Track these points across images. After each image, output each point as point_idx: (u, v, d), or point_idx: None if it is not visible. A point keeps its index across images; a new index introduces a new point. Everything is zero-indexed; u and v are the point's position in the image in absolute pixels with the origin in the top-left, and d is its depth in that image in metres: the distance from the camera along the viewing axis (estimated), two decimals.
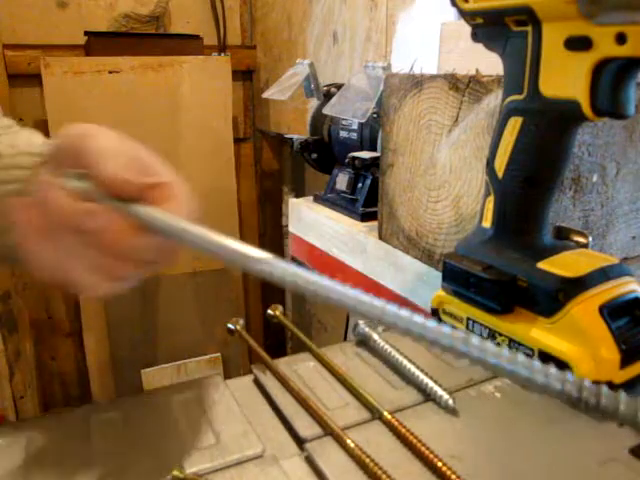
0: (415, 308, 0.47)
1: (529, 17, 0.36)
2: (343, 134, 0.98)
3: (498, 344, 0.40)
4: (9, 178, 0.39)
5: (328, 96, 0.99)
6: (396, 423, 0.33)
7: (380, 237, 0.76)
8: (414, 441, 0.32)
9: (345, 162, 0.89)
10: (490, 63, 0.46)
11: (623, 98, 0.35)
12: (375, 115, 0.85)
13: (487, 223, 0.42)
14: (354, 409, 0.36)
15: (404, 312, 0.23)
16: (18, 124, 0.45)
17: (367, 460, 0.30)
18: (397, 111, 0.72)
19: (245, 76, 1.77)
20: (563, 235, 0.46)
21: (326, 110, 0.87)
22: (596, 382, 0.34)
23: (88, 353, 1.52)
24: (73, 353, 1.68)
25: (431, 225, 0.69)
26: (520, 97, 0.38)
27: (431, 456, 0.31)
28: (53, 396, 1.69)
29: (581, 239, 0.45)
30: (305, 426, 0.34)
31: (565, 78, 0.35)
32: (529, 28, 0.36)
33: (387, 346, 0.41)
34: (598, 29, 0.33)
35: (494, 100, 0.57)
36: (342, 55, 1.24)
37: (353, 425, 0.34)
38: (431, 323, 0.23)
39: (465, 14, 0.40)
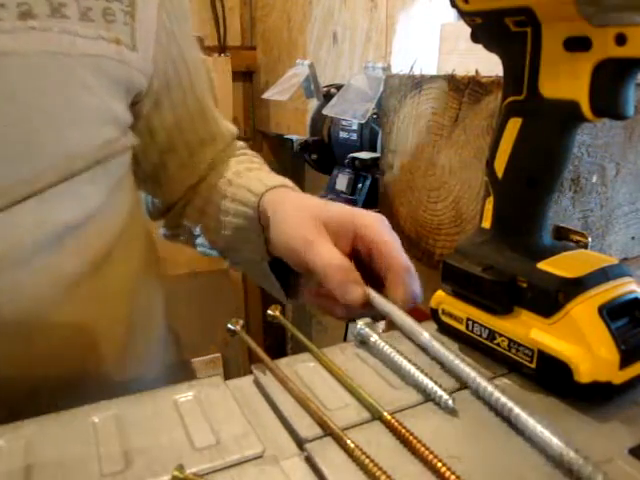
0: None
1: (528, 18, 0.36)
2: (343, 135, 0.98)
3: (498, 344, 0.40)
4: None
5: (328, 97, 0.99)
6: (396, 424, 0.33)
7: None
8: (414, 441, 0.32)
9: (345, 163, 0.89)
10: (490, 63, 0.46)
11: (623, 99, 0.35)
12: (375, 116, 0.85)
13: (487, 224, 0.43)
14: (354, 409, 0.36)
15: None
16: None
17: (367, 460, 0.30)
18: (397, 112, 0.72)
19: (245, 77, 1.77)
20: (563, 235, 0.46)
21: (326, 111, 0.87)
22: (596, 383, 0.35)
23: None
24: None
25: (431, 226, 0.69)
26: (520, 98, 0.38)
27: (431, 456, 0.31)
28: None
29: (581, 239, 0.45)
30: (305, 426, 0.34)
31: (565, 79, 0.35)
32: (529, 29, 0.36)
33: (387, 346, 0.41)
34: (597, 30, 0.33)
35: (494, 101, 0.57)
36: (342, 55, 1.24)
37: (353, 425, 0.34)
38: None
39: (465, 15, 0.40)
